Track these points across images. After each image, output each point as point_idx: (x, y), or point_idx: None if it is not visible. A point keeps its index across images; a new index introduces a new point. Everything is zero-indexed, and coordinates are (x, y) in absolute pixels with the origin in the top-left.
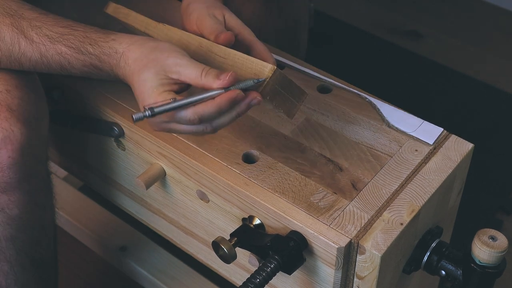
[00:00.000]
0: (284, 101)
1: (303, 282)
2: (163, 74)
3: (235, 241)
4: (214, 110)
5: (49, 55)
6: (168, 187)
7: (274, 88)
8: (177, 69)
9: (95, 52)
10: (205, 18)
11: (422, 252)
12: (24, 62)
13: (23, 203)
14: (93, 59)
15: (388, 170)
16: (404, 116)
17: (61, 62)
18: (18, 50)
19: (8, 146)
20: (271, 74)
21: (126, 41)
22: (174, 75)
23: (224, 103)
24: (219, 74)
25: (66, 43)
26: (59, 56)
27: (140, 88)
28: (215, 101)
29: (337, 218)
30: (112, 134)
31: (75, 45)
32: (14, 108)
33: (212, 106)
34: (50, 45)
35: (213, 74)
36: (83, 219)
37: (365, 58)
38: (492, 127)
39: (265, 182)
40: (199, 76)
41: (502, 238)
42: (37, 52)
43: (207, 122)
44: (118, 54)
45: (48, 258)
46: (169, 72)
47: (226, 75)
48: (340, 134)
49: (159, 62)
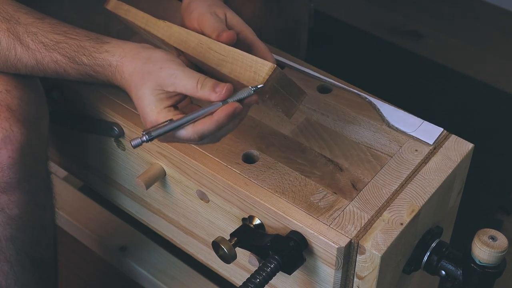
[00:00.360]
0: (283, 100)
1: (303, 282)
2: (159, 89)
3: (235, 241)
4: (213, 127)
5: (45, 62)
6: (168, 187)
7: (273, 87)
8: (172, 81)
9: (89, 63)
10: (206, 16)
11: (422, 252)
12: (20, 68)
13: (23, 203)
14: (88, 70)
15: (388, 170)
16: (404, 116)
17: (56, 69)
18: (14, 56)
19: (8, 146)
20: (271, 72)
21: (119, 53)
22: (170, 88)
23: (223, 119)
24: (215, 86)
25: (61, 52)
26: (55, 64)
27: (139, 104)
28: (213, 118)
29: (337, 218)
30: (112, 134)
31: (70, 55)
32: (14, 108)
33: (211, 124)
34: (45, 53)
35: (209, 85)
36: (83, 219)
37: (365, 58)
38: (492, 127)
39: (265, 182)
40: (194, 87)
41: (502, 238)
42: (33, 59)
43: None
44: (112, 67)
45: (48, 258)
46: (165, 86)
47: (222, 88)
48: (340, 134)
49: (153, 76)
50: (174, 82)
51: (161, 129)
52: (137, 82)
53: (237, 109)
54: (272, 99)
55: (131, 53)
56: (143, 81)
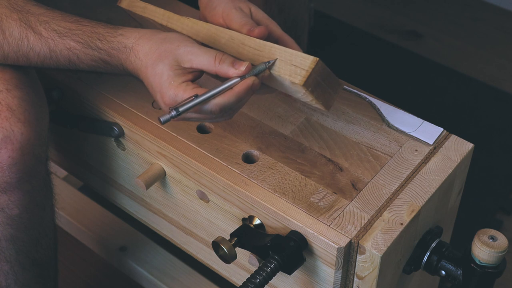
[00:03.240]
0: (323, 92)
1: (303, 282)
2: (177, 65)
3: (235, 241)
4: (234, 100)
5: (58, 49)
6: (168, 187)
7: (316, 80)
8: (189, 57)
9: (104, 47)
10: (231, 11)
11: (422, 252)
12: (32, 57)
13: (23, 203)
14: (102, 54)
15: (388, 170)
16: (404, 116)
17: (69, 56)
18: (27, 45)
19: (8, 146)
20: (314, 65)
21: (134, 36)
22: (187, 64)
23: (243, 92)
24: (234, 62)
25: (75, 38)
26: (68, 51)
27: (156, 81)
28: (234, 91)
29: (337, 218)
30: (112, 134)
31: (84, 40)
32: (14, 108)
33: (232, 96)
34: (58, 40)
35: (228, 61)
36: (83, 219)
37: (365, 58)
38: (492, 127)
39: (265, 182)
40: (212, 63)
41: (502, 238)
42: (45, 47)
43: (228, 111)
44: (127, 49)
45: (48, 258)
46: (182, 62)
47: (241, 64)
48: (340, 134)
49: (171, 53)
50: (191, 58)
51: (188, 105)
52: (154, 60)
53: (255, 82)
54: (313, 92)
55: (146, 35)
56: (160, 58)
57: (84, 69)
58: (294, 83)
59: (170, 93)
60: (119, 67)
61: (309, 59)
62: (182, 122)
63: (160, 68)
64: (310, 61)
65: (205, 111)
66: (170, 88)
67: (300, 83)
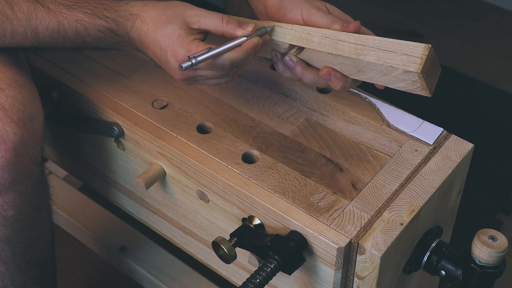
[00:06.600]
0: (430, 77)
1: (303, 282)
2: (186, 25)
3: (235, 241)
4: (243, 55)
5: (66, 22)
6: (168, 187)
7: (427, 66)
8: (197, 18)
9: (111, 16)
10: (312, 11)
11: (422, 252)
12: (40, 32)
13: (17, 204)
14: (110, 23)
15: (388, 170)
16: (404, 116)
17: (77, 28)
18: (36, 19)
19: (1, 146)
20: (428, 52)
21: (138, 4)
22: (195, 25)
23: (251, 49)
24: (240, 23)
25: (82, 10)
26: (76, 22)
27: (165, 41)
28: (243, 48)
29: (337, 218)
30: (112, 134)
31: (91, 11)
32: (8, 108)
33: (242, 53)
34: (67, 12)
35: (235, 22)
36: (83, 219)
37: None
38: (492, 127)
39: (265, 182)
40: (220, 23)
41: (502, 238)
42: (54, 20)
43: (234, 68)
44: (133, 16)
45: (45, 258)
46: (191, 23)
47: (247, 25)
48: (340, 134)
49: (179, 15)
50: (199, 19)
51: (205, 55)
52: (162, 22)
53: (259, 42)
54: (426, 79)
55: (151, 3)
56: (169, 20)
57: (90, 43)
58: (409, 72)
59: (183, 49)
60: (123, 37)
61: (420, 46)
62: (182, 122)
63: (170, 29)
64: (423, 48)
65: (217, 65)
66: (183, 44)
67: (417, 70)
